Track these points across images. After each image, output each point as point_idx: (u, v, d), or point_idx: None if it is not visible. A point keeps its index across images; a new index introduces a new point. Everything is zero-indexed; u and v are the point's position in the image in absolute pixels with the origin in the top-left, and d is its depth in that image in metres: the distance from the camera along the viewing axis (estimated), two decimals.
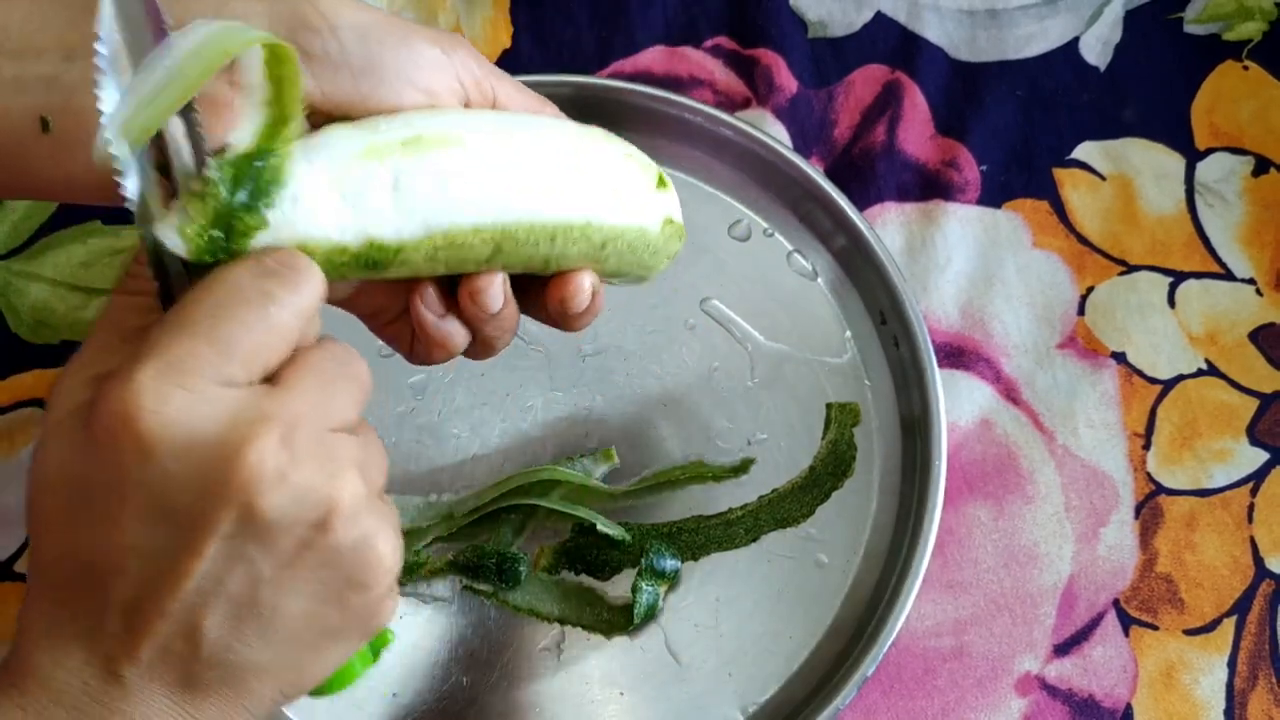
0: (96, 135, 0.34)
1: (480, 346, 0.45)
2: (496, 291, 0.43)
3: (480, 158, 0.40)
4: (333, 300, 0.43)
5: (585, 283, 0.44)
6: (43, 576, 0.35)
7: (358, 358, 0.37)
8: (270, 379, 0.35)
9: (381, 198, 0.38)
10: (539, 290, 0.45)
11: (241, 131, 0.37)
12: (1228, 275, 0.65)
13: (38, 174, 0.39)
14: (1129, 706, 0.58)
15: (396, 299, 0.44)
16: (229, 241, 0.36)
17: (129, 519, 0.33)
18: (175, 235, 0.35)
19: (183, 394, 0.33)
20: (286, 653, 0.36)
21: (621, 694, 0.57)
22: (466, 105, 0.42)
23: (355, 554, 0.35)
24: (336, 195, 0.38)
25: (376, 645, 0.44)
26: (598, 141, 0.44)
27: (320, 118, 0.40)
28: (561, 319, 0.46)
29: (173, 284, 0.36)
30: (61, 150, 0.38)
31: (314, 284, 0.36)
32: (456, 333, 0.44)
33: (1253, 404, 0.63)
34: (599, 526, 0.57)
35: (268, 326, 0.34)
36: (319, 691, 0.41)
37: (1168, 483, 0.61)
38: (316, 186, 0.37)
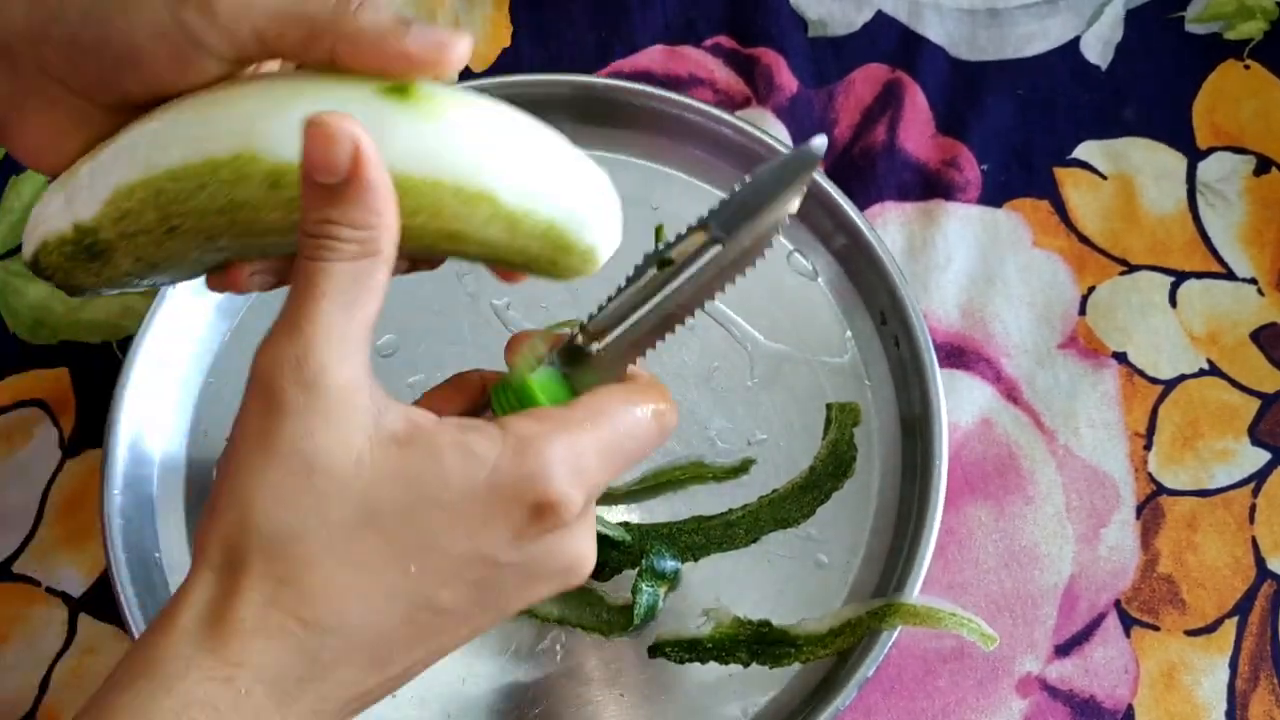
0: None
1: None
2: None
3: (169, 118, 0.38)
4: None
5: None
6: (304, 600, 0.34)
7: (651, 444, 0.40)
8: None
9: (84, 183, 0.38)
10: None
11: None
12: (1229, 275, 0.65)
13: None
14: (1130, 707, 0.57)
15: None
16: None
17: (462, 584, 0.36)
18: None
19: (585, 514, 0.38)
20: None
21: (621, 694, 0.57)
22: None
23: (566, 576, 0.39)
24: (62, 194, 0.39)
25: None
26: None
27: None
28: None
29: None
30: None
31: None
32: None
33: (1254, 404, 0.62)
34: (598, 528, 0.57)
35: (638, 461, 0.39)
36: None
37: (1169, 483, 0.61)
38: (54, 188, 0.40)
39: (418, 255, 0.41)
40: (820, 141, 0.38)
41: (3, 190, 0.67)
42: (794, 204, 0.38)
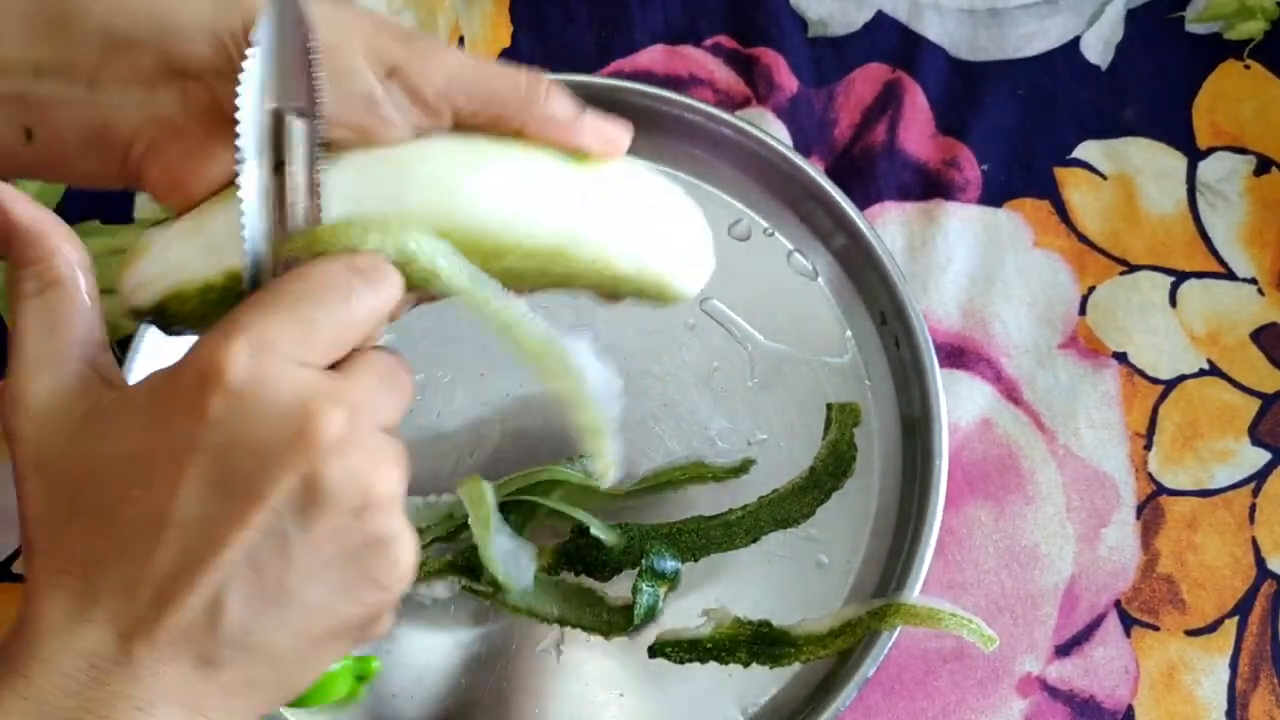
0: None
1: None
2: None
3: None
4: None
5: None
6: (65, 556, 0.35)
7: (408, 368, 0.40)
8: (333, 368, 0.37)
9: (232, 232, 0.39)
10: None
11: None
12: (1229, 275, 0.65)
13: (27, 175, 0.43)
14: (1130, 708, 0.57)
15: None
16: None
17: (186, 485, 0.34)
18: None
19: (267, 365, 0.35)
20: (295, 643, 0.36)
21: (621, 694, 0.57)
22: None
23: (381, 550, 0.37)
24: (200, 242, 0.40)
25: (363, 673, 0.45)
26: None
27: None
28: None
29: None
30: (45, 159, 0.41)
31: (394, 288, 0.39)
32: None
33: (1254, 404, 0.62)
34: (592, 530, 0.57)
35: (349, 318, 0.37)
36: (298, 702, 0.41)
37: (1169, 483, 0.61)
38: (182, 234, 0.41)
39: (522, 289, 0.44)
40: None
41: None
42: (305, 18, 0.38)
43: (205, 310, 0.41)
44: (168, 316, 0.41)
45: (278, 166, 0.39)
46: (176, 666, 0.35)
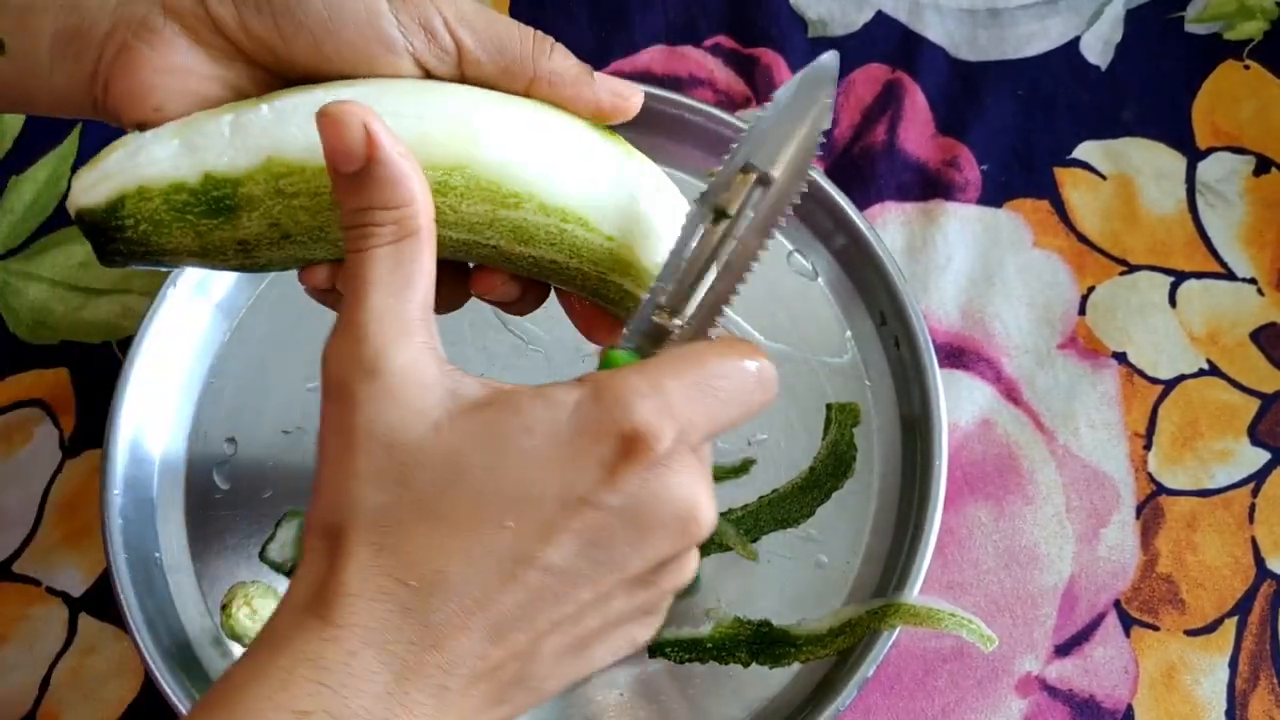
0: None
1: None
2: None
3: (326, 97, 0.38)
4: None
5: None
6: (405, 561, 0.34)
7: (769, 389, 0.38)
8: None
9: (219, 134, 0.38)
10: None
11: None
12: (1229, 275, 0.65)
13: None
14: (1130, 707, 0.58)
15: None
16: None
17: (566, 536, 0.34)
18: None
19: (681, 455, 0.35)
20: (569, 681, 0.37)
21: (621, 694, 0.57)
22: (423, 69, 0.40)
23: (668, 600, 0.38)
24: (176, 141, 0.38)
25: None
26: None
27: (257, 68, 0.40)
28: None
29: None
30: (16, 76, 0.39)
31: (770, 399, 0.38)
32: None
33: (1254, 404, 0.62)
34: None
35: (740, 421, 0.37)
36: None
37: (1169, 483, 0.61)
38: (160, 135, 0.38)
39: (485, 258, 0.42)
40: (830, 56, 0.38)
41: (2, 190, 0.67)
42: (826, 121, 0.38)
43: (167, 217, 0.38)
44: (118, 222, 0.38)
45: (719, 214, 0.39)
46: (474, 700, 0.35)
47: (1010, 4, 0.69)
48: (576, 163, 0.41)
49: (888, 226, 0.65)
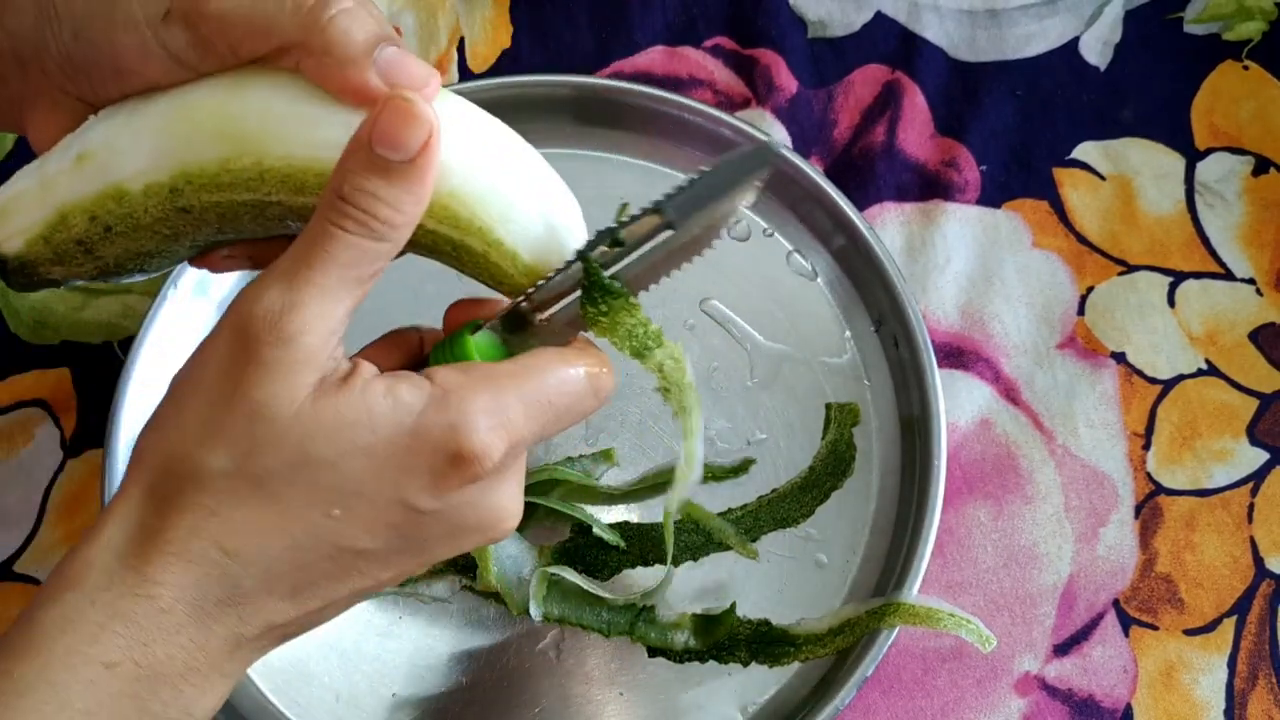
0: None
1: None
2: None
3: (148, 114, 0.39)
4: None
5: None
6: (232, 530, 0.35)
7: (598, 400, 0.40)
8: None
9: (63, 169, 0.40)
10: None
11: None
12: (1227, 275, 0.65)
13: None
14: (1129, 706, 0.58)
15: None
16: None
17: (387, 532, 0.37)
18: None
19: (507, 468, 0.38)
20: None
21: (621, 694, 0.57)
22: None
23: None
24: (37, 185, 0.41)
25: None
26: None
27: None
28: None
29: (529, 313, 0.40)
30: None
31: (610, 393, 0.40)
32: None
33: (1252, 404, 0.62)
34: (595, 530, 0.57)
35: (572, 423, 0.39)
36: None
37: (1167, 483, 0.61)
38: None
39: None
40: (777, 145, 0.39)
41: None
42: (748, 198, 0.39)
43: (93, 239, 0.40)
44: (36, 260, 0.41)
45: (615, 243, 0.39)
46: (264, 643, 0.38)
47: (1009, 4, 0.70)
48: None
49: (887, 227, 0.65)
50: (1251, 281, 0.65)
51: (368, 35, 0.36)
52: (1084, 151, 0.67)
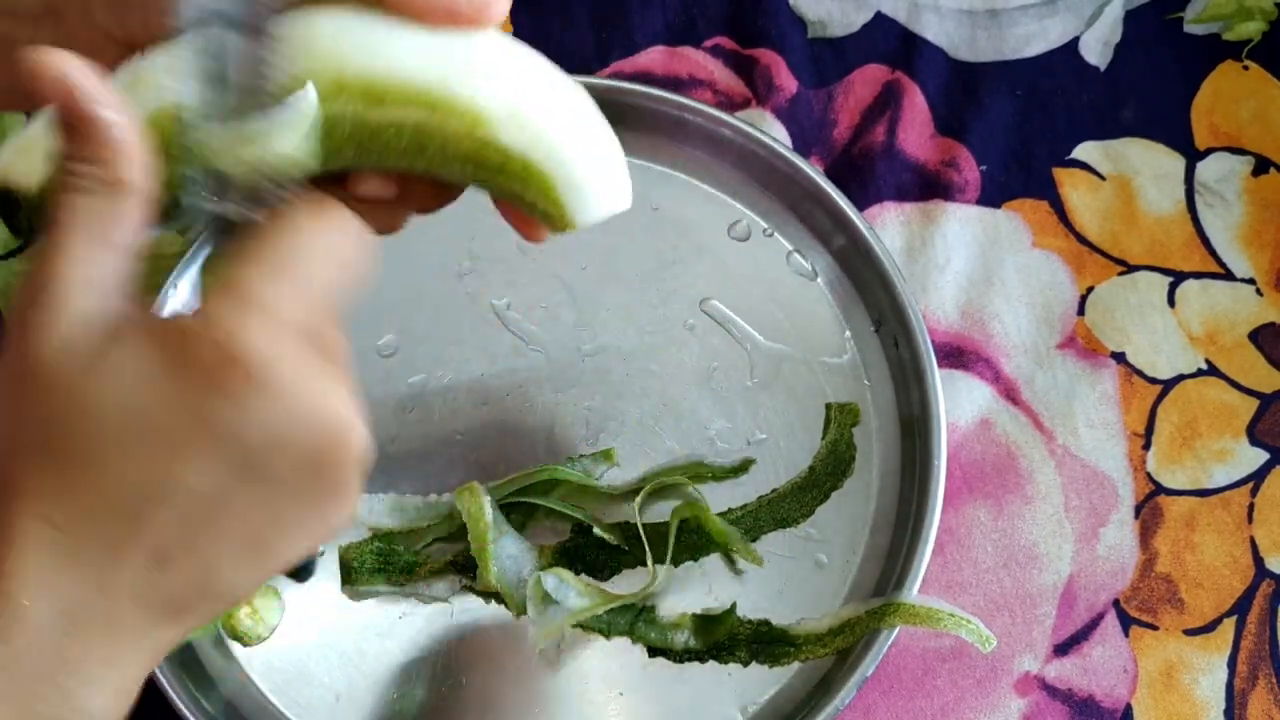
0: None
1: None
2: None
3: None
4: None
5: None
6: (50, 500, 0.34)
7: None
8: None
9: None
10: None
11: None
12: (1227, 275, 0.65)
13: None
14: (1129, 707, 0.58)
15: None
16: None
17: (198, 461, 0.34)
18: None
19: (282, 345, 0.34)
20: (253, 585, 0.37)
21: (621, 694, 0.57)
22: None
23: (348, 505, 0.37)
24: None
25: None
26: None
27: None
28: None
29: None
30: None
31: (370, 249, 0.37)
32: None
33: (1253, 404, 0.63)
34: (595, 530, 0.57)
35: (343, 282, 0.36)
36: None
37: (1167, 483, 0.61)
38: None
39: (398, 168, 0.40)
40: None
41: None
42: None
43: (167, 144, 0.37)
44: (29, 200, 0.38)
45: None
46: (151, 618, 0.35)
47: (1009, 4, 0.70)
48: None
49: (887, 227, 0.65)
50: (1251, 281, 0.65)
51: None
52: (1084, 151, 0.67)
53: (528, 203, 0.40)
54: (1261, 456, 0.62)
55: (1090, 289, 0.64)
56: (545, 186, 0.39)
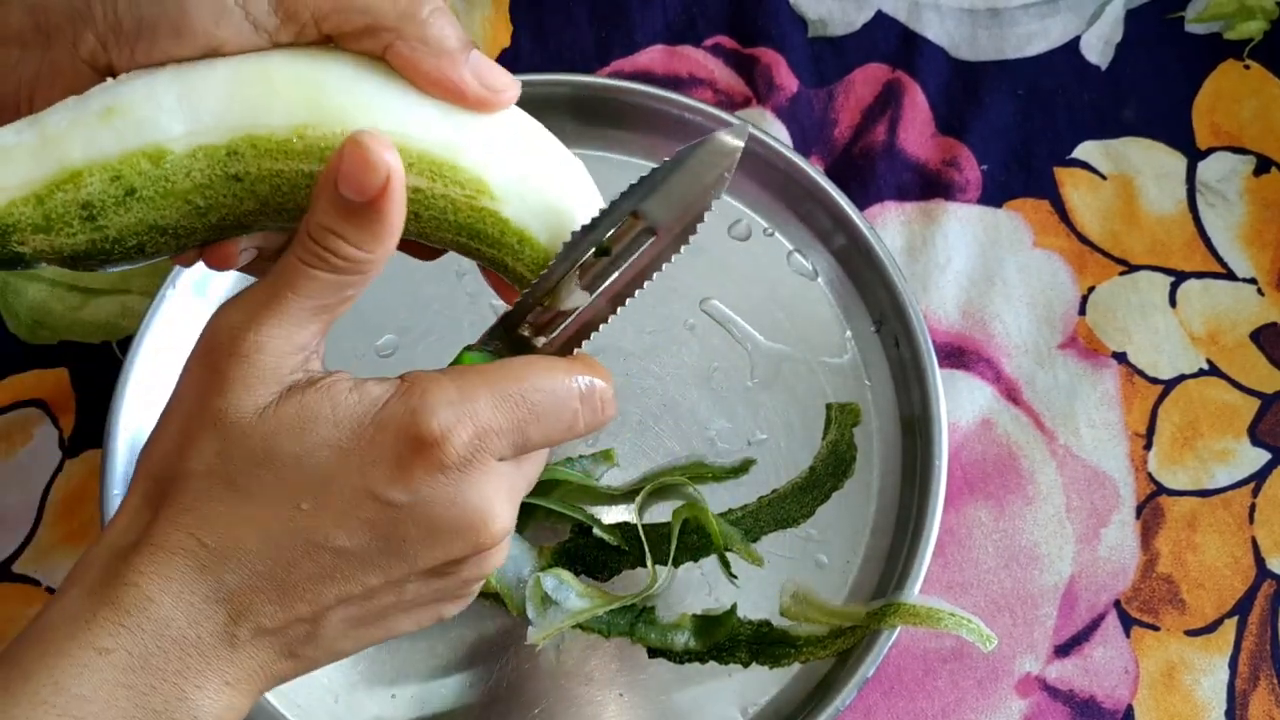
0: None
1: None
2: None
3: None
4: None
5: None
6: (207, 523, 0.37)
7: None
8: None
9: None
10: None
11: None
12: (1229, 275, 0.65)
13: None
14: (1130, 707, 0.58)
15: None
16: None
17: (357, 525, 0.37)
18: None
19: (478, 461, 0.37)
20: (361, 647, 0.40)
21: (621, 694, 0.57)
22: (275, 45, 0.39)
23: (470, 589, 0.41)
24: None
25: None
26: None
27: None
28: None
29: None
30: None
31: (607, 421, 0.40)
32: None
33: (1254, 404, 0.62)
34: (595, 530, 0.57)
35: (557, 440, 0.39)
36: None
37: (1169, 483, 0.61)
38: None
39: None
40: (741, 129, 0.39)
41: None
42: (720, 192, 0.39)
43: (107, 203, 0.37)
44: (14, 224, 0.37)
45: (600, 251, 0.39)
46: (264, 651, 0.38)
47: (1010, 4, 0.69)
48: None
49: (887, 226, 0.65)
50: (1253, 281, 0.64)
51: (461, 35, 0.38)
52: (1085, 151, 0.67)
53: (515, 275, 0.41)
54: (1263, 457, 0.61)
55: (1091, 289, 0.64)
56: (542, 259, 0.40)
